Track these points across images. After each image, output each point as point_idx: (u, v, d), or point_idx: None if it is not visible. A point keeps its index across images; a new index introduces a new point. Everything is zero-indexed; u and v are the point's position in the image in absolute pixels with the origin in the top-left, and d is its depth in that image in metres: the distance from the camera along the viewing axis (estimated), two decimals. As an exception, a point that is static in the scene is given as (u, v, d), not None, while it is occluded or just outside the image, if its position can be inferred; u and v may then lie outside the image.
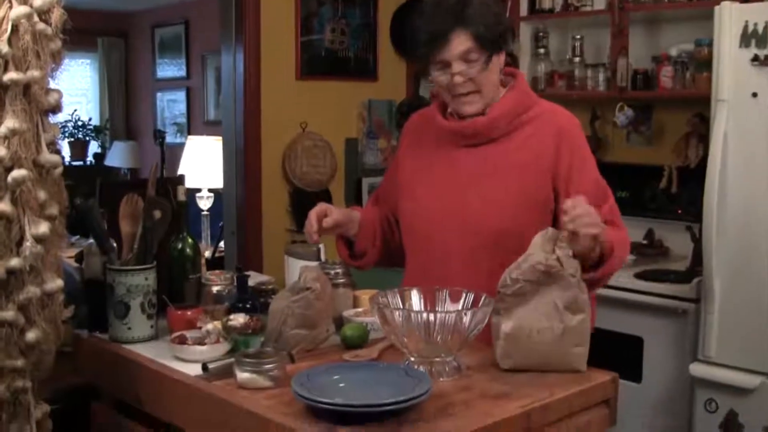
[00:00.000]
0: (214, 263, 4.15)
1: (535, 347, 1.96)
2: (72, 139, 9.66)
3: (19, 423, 1.96)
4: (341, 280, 2.42)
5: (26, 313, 1.89)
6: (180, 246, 2.40)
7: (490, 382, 1.90)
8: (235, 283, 2.37)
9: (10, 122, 1.83)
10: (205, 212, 6.52)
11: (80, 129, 9.71)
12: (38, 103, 1.90)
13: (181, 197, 2.38)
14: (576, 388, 1.88)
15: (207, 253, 5.97)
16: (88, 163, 9.78)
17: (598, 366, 2.41)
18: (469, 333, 1.90)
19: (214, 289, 2.35)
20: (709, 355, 3.22)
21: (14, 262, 1.85)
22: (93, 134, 9.89)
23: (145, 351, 2.19)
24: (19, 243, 1.86)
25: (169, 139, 8.58)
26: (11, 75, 1.84)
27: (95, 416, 2.32)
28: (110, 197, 2.42)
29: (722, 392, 3.20)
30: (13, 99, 1.85)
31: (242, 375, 1.88)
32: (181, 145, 6.94)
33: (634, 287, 3.51)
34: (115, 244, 2.32)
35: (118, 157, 9.26)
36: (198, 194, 6.87)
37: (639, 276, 3.59)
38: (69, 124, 9.51)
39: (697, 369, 3.24)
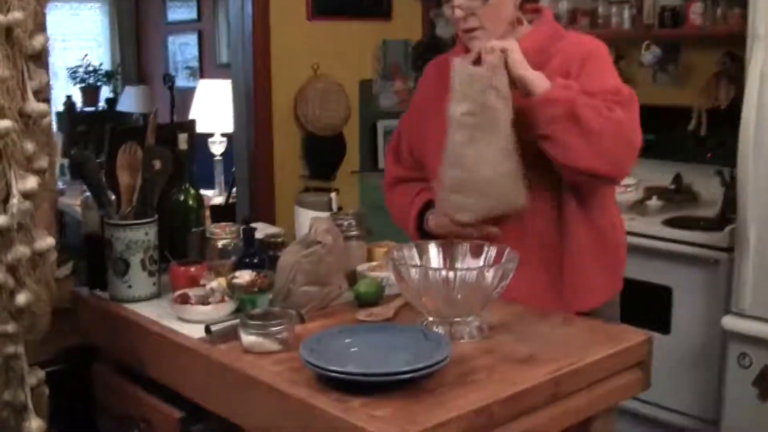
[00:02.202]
0: (227, 210, 4.04)
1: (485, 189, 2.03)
2: (83, 85, 9.52)
3: (12, 390, 1.85)
4: (354, 232, 2.27)
5: (15, 275, 1.77)
6: (182, 198, 2.26)
7: (514, 344, 1.76)
8: (242, 237, 2.23)
9: (-10, 69, 1.69)
10: (217, 157, 6.40)
11: (91, 74, 9.55)
12: (22, 48, 1.74)
13: (183, 145, 2.24)
14: (607, 351, 1.73)
15: (220, 200, 5.87)
16: (100, 108, 9.64)
17: (626, 317, 2.28)
18: (492, 291, 1.76)
19: (219, 243, 2.21)
20: (742, 308, 3.05)
21: (1, 219, 1.72)
22: (104, 79, 9.73)
23: (147, 311, 2.06)
24: (6, 199, 1.73)
25: (181, 83, 8.43)
26: (-10, 18, 1.69)
27: (96, 379, 2.21)
28: (121, 144, 2.27)
29: (756, 346, 3.04)
30: (-7, 44, 1.71)
31: (247, 338, 1.75)
32: (194, 90, 6.79)
33: (662, 235, 3.34)
34: (114, 197, 2.19)
35: (130, 102, 9.11)
36: (210, 139, 6.75)
37: (667, 223, 3.42)
38: (80, 70, 9.36)
39: (729, 322, 3.08)
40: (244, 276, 2.01)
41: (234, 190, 4.39)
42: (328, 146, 4.60)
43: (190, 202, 2.26)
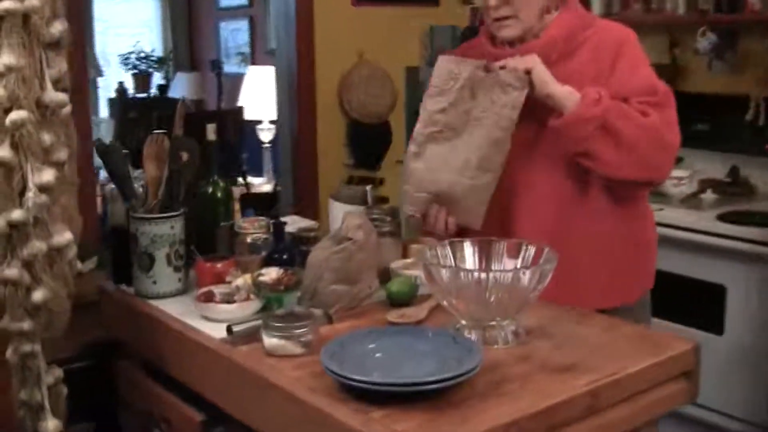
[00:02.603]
0: (275, 199, 3.97)
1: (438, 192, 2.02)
2: (135, 71, 9.54)
3: (29, 389, 1.79)
4: (388, 228, 2.18)
5: (32, 271, 1.70)
6: (210, 190, 2.18)
7: (552, 351, 1.66)
8: (271, 231, 2.15)
9: (6, 58, 1.63)
10: (266, 144, 6.35)
11: (143, 60, 9.57)
12: (39, 36, 1.68)
13: (211, 136, 2.16)
14: (652, 360, 1.62)
15: (268, 188, 5.82)
16: (152, 95, 9.65)
17: (677, 316, 2.17)
18: (528, 294, 1.65)
19: (248, 238, 2.13)
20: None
21: (16, 214, 1.66)
22: (156, 66, 9.74)
23: (171, 307, 1.99)
24: (22, 193, 1.67)
25: (232, 69, 8.40)
26: (6, 4, 1.62)
27: (120, 375, 2.14)
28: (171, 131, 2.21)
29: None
30: (8, 32, 1.64)
31: (269, 340, 1.67)
32: (244, 76, 6.75)
33: (716, 230, 3.18)
34: (141, 190, 2.12)
35: (181, 88, 9.10)
36: (259, 126, 6.70)
37: (722, 218, 3.26)
38: (132, 56, 9.38)
39: (790, 325, 2.94)
40: (271, 273, 1.93)
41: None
42: (374, 134, 4.49)
43: (219, 195, 2.18)
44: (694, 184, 3.60)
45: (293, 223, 2.37)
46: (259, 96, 6.48)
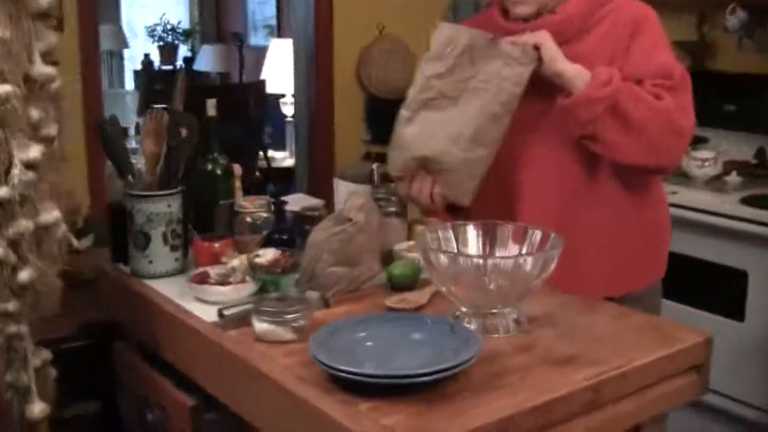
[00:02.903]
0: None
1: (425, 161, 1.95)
2: (161, 44, 9.49)
3: (15, 371, 1.73)
4: (394, 208, 2.10)
5: (17, 250, 1.64)
6: (209, 167, 2.10)
7: (555, 341, 1.58)
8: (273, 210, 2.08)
9: (-9, 29, 1.56)
10: (289, 119, 6.28)
11: (169, 33, 9.52)
12: (27, 7, 1.61)
13: (211, 111, 2.08)
14: (660, 352, 1.54)
15: (290, 162, 5.76)
16: (178, 67, 9.60)
17: (696, 301, 2.09)
18: (531, 281, 1.57)
19: (248, 217, 2.06)
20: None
21: (1, 191, 1.60)
22: (182, 38, 9.70)
23: (167, 288, 1.92)
24: (8, 170, 1.61)
25: (260, 41, 8.34)
26: (-9, -27, 1.56)
27: (116, 356, 2.09)
28: (195, 102, 2.15)
29: None
30: (-7, 2, 1.58)
31: (260, 325, 1.60)
32: (269, 49, 6.66)
33: (739, 214, 3.07)
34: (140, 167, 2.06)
35: (207, 61, 9.05)
36: (282, 100, 6.63)
37: (746, 201, 3.15)
38: (158, 28, 9.34)
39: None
40: (267, 255, 1.85)
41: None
42: (392, 110, 4.37)
43: (218, 172, 2.10)
44: (719, 165, 3.48)
45: (298, 202, 2.30)
46: (282, 69, 6.41)
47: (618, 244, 2.01)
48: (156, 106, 2.09)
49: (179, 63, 9.59)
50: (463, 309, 1.64)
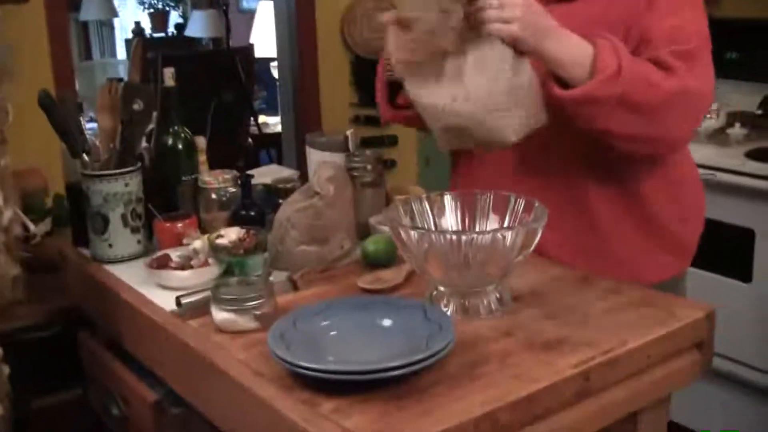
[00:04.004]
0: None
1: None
2: (152, 11, 9.30)
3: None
4: (370, 178, 1.96)
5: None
6: (170, 142, 1.95)
7: (541, 322, 1.44)
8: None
9: None
10: (279, 82, 6.11)
11: (160, -1, 9.35)
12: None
13: (169, 81, 1.93)
14: (657, 332, 1.39)
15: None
16: (170, 34, 9.42)
17: (700, 261, 1.94)
18: (512, 257, 1.43)
19: (213, 194, 1.92)
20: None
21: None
22: (173, 4, 9.49)
23: (128, 273, 1.79)
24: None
25: (251, 4, 8.14)
26: None
27: (82, 346, 1.96)
28: (187, 72, 1.99)
29: None
30: None
31: (219, 314, 1.46)
32: (261, 12, 6.47)
33: (745, 169, 2.90)
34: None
35: (198, 26, 8.84)
36: (272, 63, 6.45)
37: (751, 155, 2.98)
38: (148, -6, 9.16)
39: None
40: (230, 234, 1.71)
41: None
42: (381, 71, 4.25)
43: (180, 147, 1.95)
44: (722, 117, 3.32)
45: (270, 174, 2.15)
46: (271, 32, 6.24)
47: (649, 226, 1.82)
48: (111, 78, 1.94)
49: (171, 30, 9.40)
50: (440, 288, 1.50)
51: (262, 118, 6.13)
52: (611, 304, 1.51)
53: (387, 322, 1.37)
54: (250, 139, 5.85)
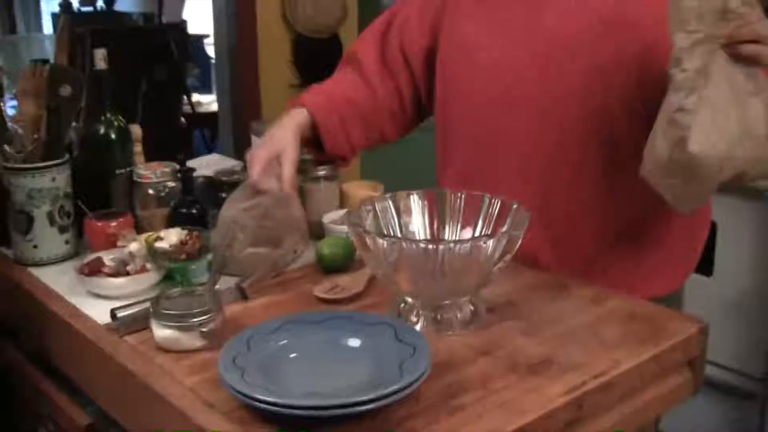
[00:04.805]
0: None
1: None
2: (80, -17, 8.96)
3: None
4: (323, 171, 1.80)
5: None
6: (102, 131, 1.76)
7: (521, 339, 1.30)
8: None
9: None
10: (214, 60, 5.90)
11: (88, -29, 8.98)
12: None
13: (100, 64, 1.74)
14: (650, 351, 1.26)
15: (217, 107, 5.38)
16: (99, 9, 9.08)
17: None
18: (492, 266, 1.28)
19: (149, 189, 1.74)
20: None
21: None
22: (102, -22, 9.16)
23: (57, 278, 1.61)
24: None
25: (179, -22, 7.86)
26: None
27: (5, 361, 1.76)
28: (117, 50, 1.80)
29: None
30: None
31: (161, 332, 1.29)
32: (193, -13, 6.25)
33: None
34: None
35: (129, 0, 8.55)
36: (206, 40, 6.24)
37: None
38: (76, -32, 8.79)
39: (790, 269, 2.59)
40: (170, 237, 1.54)
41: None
42: (322, 49, 4.06)
43: (113, 136, 1.77)
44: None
45: (212, 165, 1.98)
46: (205, 8, 6.02)
47: (648, 238, 1.65)
48: (36, 60, 1.75)
49: (100, 4, 9.07)
50: (410, 300, 1.35)
51: (195, 97, 5.91)
52: (593, 316, 1.37)
53: (353, 343, 1.21)
54: (183, 119, 5.64)
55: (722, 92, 1.31)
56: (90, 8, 8.89)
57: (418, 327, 1.32)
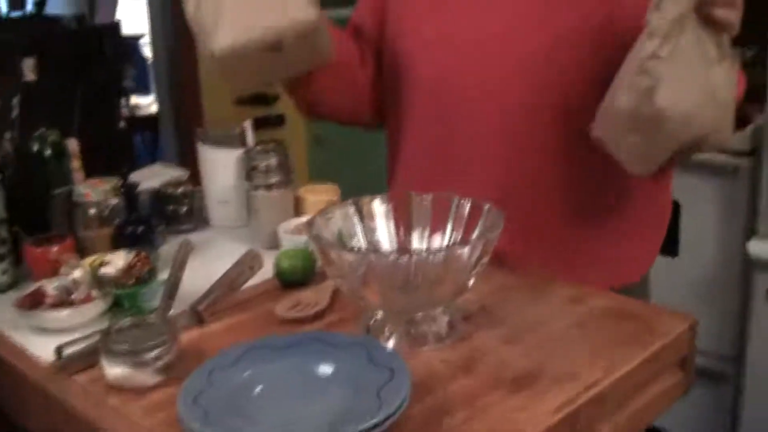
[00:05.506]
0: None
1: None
2: (7, -13, 8.70)
3: None
4: (276, 178, 1.69)
5: None
6: (35, 148, 1.64)
7: (503, 350, 1.21)
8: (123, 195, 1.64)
9: None
10: (152, 61, 5.74)
11: (13, -26, 8.73)
12: None
13: (30, 75, 1.62)
14: (641, 353, 1.18)
15: (156, 108, 5.24)
16: (28, 13, 8.83)
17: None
18: (468, 275, 1.19)
19: (91, 208, 1.62)
20: (774, 230, 2.48)
21: None
22: (30, -21, 8.91)
23: (-3, 311, 1.48)
24: None
25: (113, -24, 7.64)
26: None
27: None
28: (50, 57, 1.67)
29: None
30: None
31: (111, 370, 1.18)
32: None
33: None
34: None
35: (60, 3, 8.31)
36: (142, 41, 6.06)
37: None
38: (0, -30, 8.54)
39: (757, 247, 2.51)
40: (117, 261, 1.42)
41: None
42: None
43: (48, 153, 1.64)
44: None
45: (156, 176, 1.86)
46: (139, 7, 5.87)
47: (612, 220, 1.56)
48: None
49: (30, 8, 8.81)
50: (380, 314, 1.26)
51: (133, 100, 5.75)
52: (576, 318, 1.29)
53: (324, 369, 1.11)
54: (122, 122, 5.47)
55: (692, 51, 1.26)
56: (19, 12, 8.66)
57: (390, 344, 1.23)
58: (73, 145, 1.71)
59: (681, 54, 1.24)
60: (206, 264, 1.53)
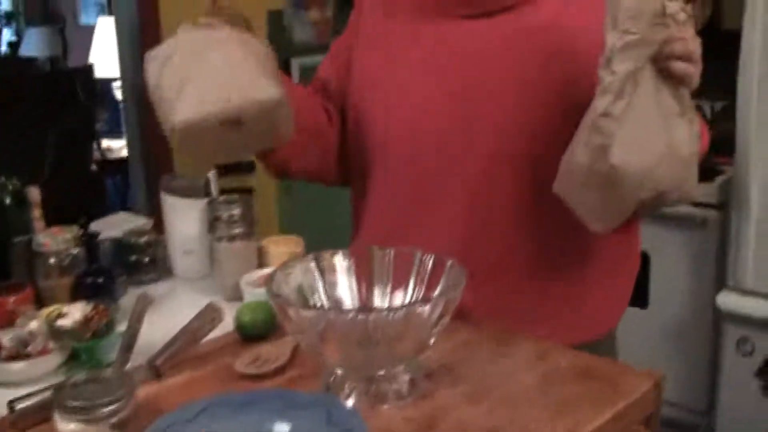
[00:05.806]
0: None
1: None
2: (-19, 29, 8.71)
3: None
4: (239, 229, 1.67)
5: None
6: (-6, 196, 1.62)
7: (466, 410, 1.18)
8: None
9: None
10: (124, 104, 5.72)
11: (-10, 16, 8.74)
12: None
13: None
14: (607, 414, 1.16)
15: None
16: (2, 54, 8.82)
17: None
18: (429, 332, 1.17)
19: (51, 258, 1.59)
20: (741, 282, 2.47)
21: None
22: (5, 21, 8.91)
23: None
24: None
25: (90, 20, 7.64)
26: None
27: None
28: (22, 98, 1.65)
29: (760, 331, 2.48)
30: None
31: (65, 426, 1.15)
32: (101, 28, 6.11)
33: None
34: None
35: (34, 45, 8.30)
36: (114, 83, 6.05)
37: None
38: (-23, 11, 8.55)
39: (726, 300, 2.51)
40: (74, 312, 1.40)
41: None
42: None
43: (8, 201, 1.62)
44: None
45: (118, 225, 1.84)
46: (113, 50, 5.87)
47: (577, 273, 1.53)
48: None
49: (3, 49, 8.81)
50: (340, 372, 1.24)
51: (105, 143, 5.72)
52: (541, 375, 1.27)
53: (281, 429, 1.09)
54: (94, 166, 5.45)
55: (649, 106, 1.26)
56: (-7, 53, 8.65)
57: (350, 402, 1.20)
58: (34, 193, 1.68)
59: (636, 109, 1.24)
60: (167, 316, 1.51)
